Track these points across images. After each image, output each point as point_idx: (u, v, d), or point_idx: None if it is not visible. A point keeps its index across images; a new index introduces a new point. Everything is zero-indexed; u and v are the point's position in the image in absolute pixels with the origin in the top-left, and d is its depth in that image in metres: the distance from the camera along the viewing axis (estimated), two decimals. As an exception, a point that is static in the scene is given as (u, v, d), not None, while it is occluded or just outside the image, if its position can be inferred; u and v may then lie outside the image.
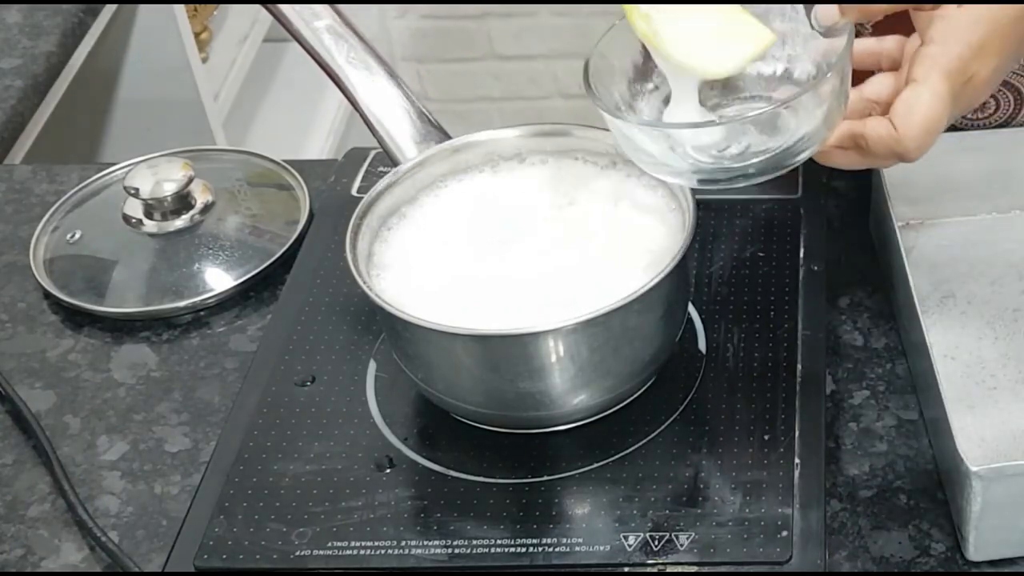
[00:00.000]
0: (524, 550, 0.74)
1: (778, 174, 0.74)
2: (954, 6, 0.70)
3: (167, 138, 1.55)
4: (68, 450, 0.86)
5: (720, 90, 0.78)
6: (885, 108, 0.72)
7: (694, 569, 0.73)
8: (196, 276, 0.96)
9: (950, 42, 0.70)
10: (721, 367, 0.84)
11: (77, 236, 1.01)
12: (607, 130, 0.85)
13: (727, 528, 0.74)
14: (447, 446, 0.81)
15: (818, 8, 0.72)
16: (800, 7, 0.76)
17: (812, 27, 0.74)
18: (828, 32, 0.73)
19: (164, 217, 0.99)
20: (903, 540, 0.76)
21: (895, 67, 0.76)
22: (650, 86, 0.79)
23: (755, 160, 0.73)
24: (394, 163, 0.86)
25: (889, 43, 0.77)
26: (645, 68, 0.78)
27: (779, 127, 0.72)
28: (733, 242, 0.92)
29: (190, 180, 0.99)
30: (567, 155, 0.86)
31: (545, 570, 0.74)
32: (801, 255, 0.90)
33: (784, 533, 0.74)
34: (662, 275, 0.75)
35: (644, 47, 0.77)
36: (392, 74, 0.89)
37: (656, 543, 0.74)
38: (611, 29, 0.78)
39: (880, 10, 0.72)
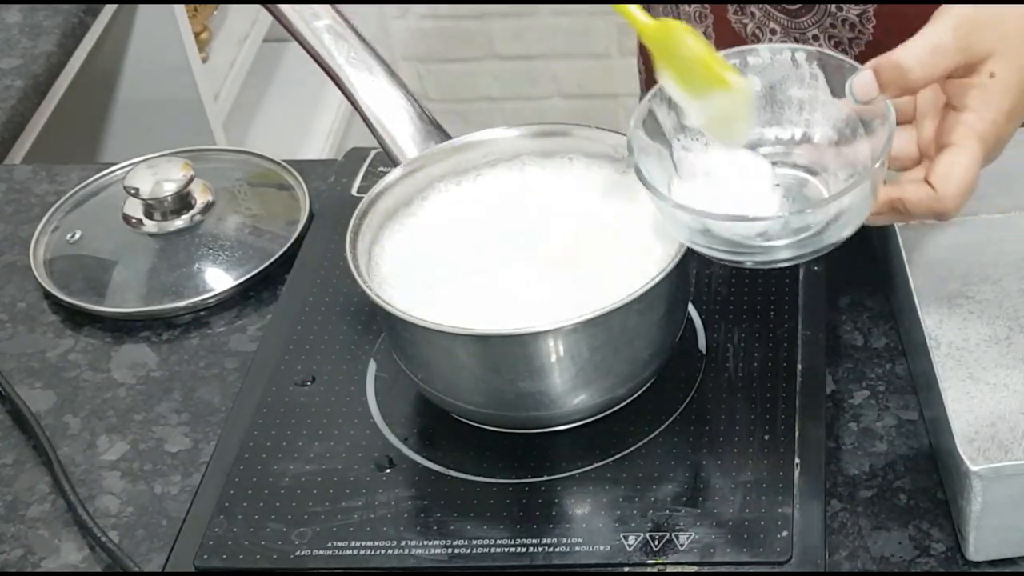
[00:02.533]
0: (524, 550, 0.74)
1: (820, 252, 0.73)
2: (987, 75, 0.73)
3: (167, 138, 1.56)
4: (68, 450, 0.86)
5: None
6: (905, 163, 0.76)
7: (694, 569, 0.73)
8: (196, 276, 0.96)
9: (985, 110, 0.73)
10: (721, 367, 0.84)
11: (77, 236, 1.01)
12: (606, 130, 0.85)
13: (727, 528, 0.74)
14: (447, 446, 0.81)
15: (855, 83, 0.73)
16: (819, 74, 0.77)
17: (849, 99, 0.74)
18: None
19: (164, 217, 0.99)
20: (903, 540, 0.76)
21: (906, 120, 0.77)
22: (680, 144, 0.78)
23: (791, 239, 0.72)
24: (394, 163, 0.86)
25: (903, 99, 0.77)
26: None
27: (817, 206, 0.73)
28: (733, 242, 0.92)
29: (190, 180, 0.99)
30: (567, 155, 0.86)
31: (545, 570, 0.74)
32: (801, 255, 0.90)
33: (784, 533, 0.74)
34: (662, 275, 0.75)
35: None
36: (392, 74, 0.89)
37: (656, 543, 0.74)
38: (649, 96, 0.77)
39: (921, 85, 0.73)
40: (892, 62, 0.72)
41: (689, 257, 0.78)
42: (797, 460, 0.78)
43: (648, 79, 1.18)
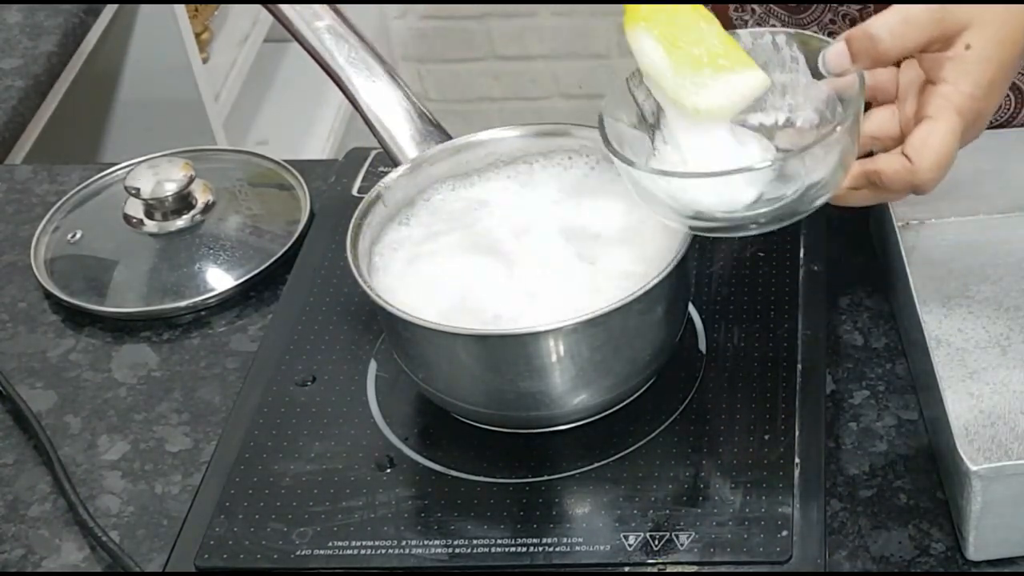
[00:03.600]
0: (524, 550, 0.74)
1: (793, 221, 0.74)
2: (962, 47, 0.72)
3: (168, 138, 1.55)
4: (69, 450, 0.86)
5: None
6: (886, 143, 0.76)
7: (694, 569, 0.73)
8: (197, 276, 0.97)
9: (961, 82, 0.73)
10: (721, 367, 0.84)
11: (78, 236, 1.01)
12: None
13: (727, 528, 0.74)
14: (447, 446, 0.81)
15: (827, 55, 0.73)
16: (800, 56, 0.77)
17: (822, 73, 0.74)
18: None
19: (165, 217, 1.00)
20: (903, 540, 0.77)
21: (888, 100, 0.77)
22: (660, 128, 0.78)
23: (766, 209, 0.73)
24: (394, 163, 0.86)
25: (882, 76, 0.77)
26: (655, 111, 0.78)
27: (792, 174, 0.73)
28: (733, 242, 0.92)
29: (191, 180, 0.99)
30: (567, 155, 0.86)
31: (545, 570, 0.74)
32: (801, 255, 0.90)
33: (784, 533, 0.74)
34: (662, 275, 0.75)
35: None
36: (392, 74, 0.89)
37: (656, 543, 0.74)
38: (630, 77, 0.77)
39: (893, 56, 0.73)
40: (863, 32, 0.72)
41: (689, 257, 0.78)
42: (797, 460, 0.78)
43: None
